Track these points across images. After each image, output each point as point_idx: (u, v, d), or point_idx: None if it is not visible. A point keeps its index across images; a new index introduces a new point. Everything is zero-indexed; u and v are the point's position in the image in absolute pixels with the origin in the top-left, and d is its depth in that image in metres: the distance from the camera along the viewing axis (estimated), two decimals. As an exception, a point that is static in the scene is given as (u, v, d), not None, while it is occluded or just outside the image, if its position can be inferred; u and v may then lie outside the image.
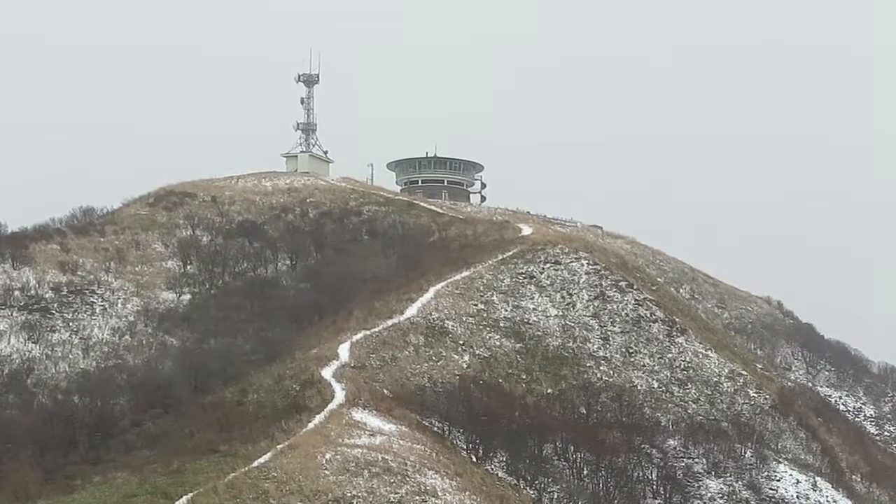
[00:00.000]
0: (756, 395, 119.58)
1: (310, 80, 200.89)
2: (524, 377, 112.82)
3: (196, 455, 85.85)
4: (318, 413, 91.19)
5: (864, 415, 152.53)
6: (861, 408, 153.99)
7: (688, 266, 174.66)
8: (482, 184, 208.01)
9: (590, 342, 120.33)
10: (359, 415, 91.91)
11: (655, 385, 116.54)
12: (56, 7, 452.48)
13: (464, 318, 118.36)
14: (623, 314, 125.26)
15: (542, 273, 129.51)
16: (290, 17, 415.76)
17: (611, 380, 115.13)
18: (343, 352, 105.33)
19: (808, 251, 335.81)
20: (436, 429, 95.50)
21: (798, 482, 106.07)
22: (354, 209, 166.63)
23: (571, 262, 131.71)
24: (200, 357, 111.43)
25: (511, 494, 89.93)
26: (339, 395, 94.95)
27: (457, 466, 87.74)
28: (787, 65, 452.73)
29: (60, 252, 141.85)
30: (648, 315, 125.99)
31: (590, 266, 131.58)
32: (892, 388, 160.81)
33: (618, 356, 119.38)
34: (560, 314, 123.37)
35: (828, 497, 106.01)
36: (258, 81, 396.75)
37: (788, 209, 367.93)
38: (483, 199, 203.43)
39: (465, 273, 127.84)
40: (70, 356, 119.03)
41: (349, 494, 77.34)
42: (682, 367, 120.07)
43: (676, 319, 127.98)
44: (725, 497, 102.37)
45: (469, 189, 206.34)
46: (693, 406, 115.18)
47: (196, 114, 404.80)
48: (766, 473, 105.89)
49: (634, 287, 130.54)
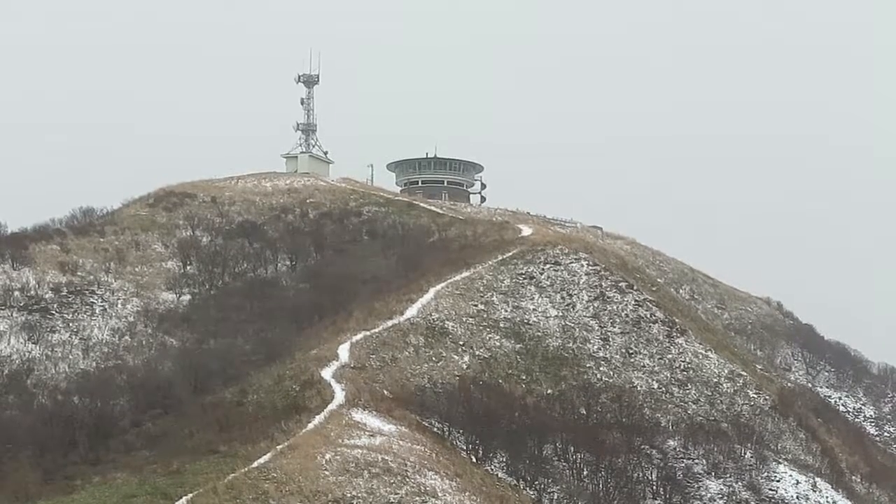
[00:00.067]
0: (756, 396, 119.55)
1: (310, 81, 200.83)
2: (524, 378, 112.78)
3: (196, 455, 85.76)
4: (318, 413, 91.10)
5: (864, 415, 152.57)
6: (861, 408, 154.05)
7: (688, 267, 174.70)
8: (482, 184, 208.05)
9: (590, 343, 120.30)
10: (359, 415, 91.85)
11: (655, 386, 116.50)
12: (56, 7, 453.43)
13: (464, 319, 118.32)
14: (623, 315, 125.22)
15: (542, 274, 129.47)
16: (290, 17, 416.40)
17: (611, 380, 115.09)
18: (343, 352, 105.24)
19: (808, 251, 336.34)
20: (436, 429, 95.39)
21: (798, 483, 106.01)
22: (354, 210, 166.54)
23: (571, 263, 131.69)
24: (200, 357, 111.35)
25: (511, 495, 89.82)
26: (339, 396, 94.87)
27: (456, 467, 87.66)
28: (787, 65, 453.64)
29: (60, 252, 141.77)
30: (648, 316, 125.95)
31: (590, 267, 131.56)
32: (892, 389, 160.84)
33: (618, 357, 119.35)
34: (560, 315, 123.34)
35: (827, 498, 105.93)
36: (258, 81, 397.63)
37: (788, 209, 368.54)
38: (483, 200, 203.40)
39: (465, 274, 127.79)
40: (70, 357, 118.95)
41: (349, 495, 77.32)
42: (682, 368, 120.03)
43: (676, 320, 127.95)
44: (725, 498, 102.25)
45: (469, 189, 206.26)
46: (693, 407, 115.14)
47: (196, 114, 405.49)
48: (766, 474, 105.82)
49: (634, 288, 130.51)
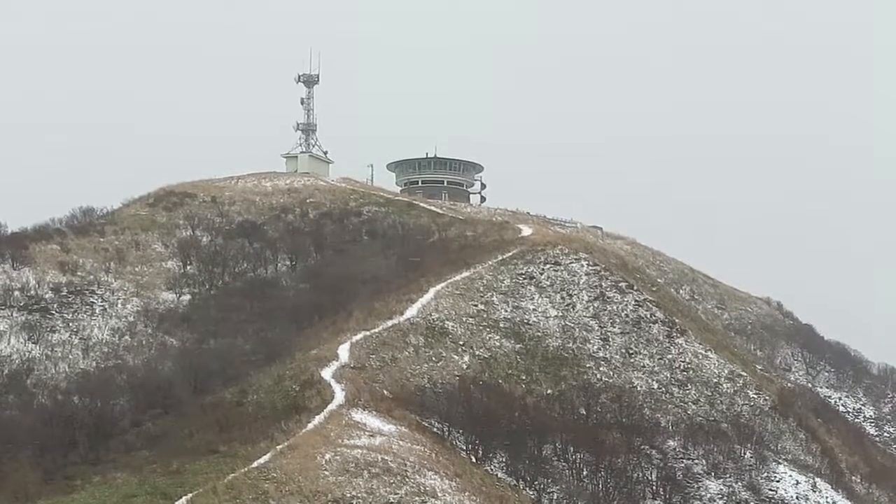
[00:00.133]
0: (756, 396, 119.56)
1: (310, 81, 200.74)
2: (524, 378, 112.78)
3: (196, 455, 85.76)
4: (318, 414, 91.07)
5: (864, 416, 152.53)
6: (861, 409, 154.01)
7: (688, 267, 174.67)
8: (482, 184, 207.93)
9: (590, 343, 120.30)
10: (358, 415, 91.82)
11: (655, 386, 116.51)
12: (56, 7, 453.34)
13: (464, 319, 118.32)
14: (623, 315, 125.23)
15: (542, 274, 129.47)
16: (290, 17, 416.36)
17: (610, 380, 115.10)
18: (343, 352, 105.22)
19: (808, 251, 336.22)
20: (435, 429, 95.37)
21: (798, 483, 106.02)
22: (354, 210, 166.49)
23: (571, 263, 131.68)
24: (200, 357, 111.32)
25: (510, 495, 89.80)
26: (339, 396, 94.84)
27: (456, 467, 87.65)
28: (787, 65, 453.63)
29: (60, 252, 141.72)
30: (648, 316, 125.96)
31: (590, 267, 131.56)
32: (892, 389, 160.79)
33: (618, 357, 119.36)
34: (560, 315, 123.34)
35: (827, 498, 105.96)
36: (258, 81, 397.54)
37: (788, 209, 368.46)
38: (483, 200, 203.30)
39: (465, 274, 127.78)
40: (70, 356, 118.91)
41: (349, 495, 77.29)
42: (682, 368, 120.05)
43: (676, 320, 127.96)
44: (725, 498, 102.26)
45: (469, 189, 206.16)
46: (693, 407, 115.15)
47: (196, 114, 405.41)
48: (766, 474, 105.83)
49: (634, 288, 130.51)
